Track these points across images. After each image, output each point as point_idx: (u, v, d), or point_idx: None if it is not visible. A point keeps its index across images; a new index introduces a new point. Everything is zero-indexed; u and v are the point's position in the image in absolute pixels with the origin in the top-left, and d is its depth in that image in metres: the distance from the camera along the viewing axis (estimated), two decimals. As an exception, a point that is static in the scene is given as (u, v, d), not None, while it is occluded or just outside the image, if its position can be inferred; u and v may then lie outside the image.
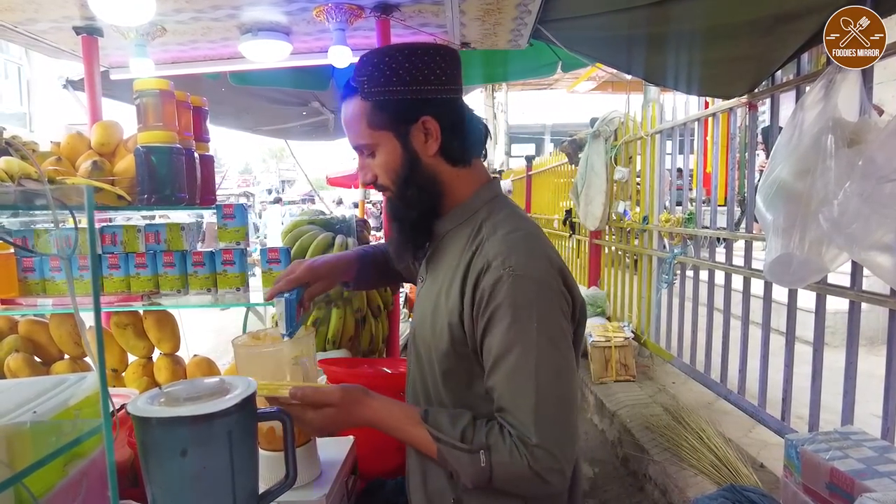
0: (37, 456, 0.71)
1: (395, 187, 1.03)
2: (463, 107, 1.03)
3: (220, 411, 0.79)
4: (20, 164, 1.40)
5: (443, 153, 1.01)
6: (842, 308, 2.24)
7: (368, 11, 2.24)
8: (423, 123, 0.98)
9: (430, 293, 1.05)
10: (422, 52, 0.98)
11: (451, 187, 1.03)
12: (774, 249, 1.91)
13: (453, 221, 1.05)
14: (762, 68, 2.31)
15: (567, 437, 0.89)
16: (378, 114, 0.98)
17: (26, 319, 1.84)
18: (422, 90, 0.97)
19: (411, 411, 0.97)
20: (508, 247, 0.93)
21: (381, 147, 1.00)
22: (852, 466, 1.35)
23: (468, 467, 0.89)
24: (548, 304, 0.91)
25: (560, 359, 0.90)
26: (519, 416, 0.89)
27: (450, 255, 1.03)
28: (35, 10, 2.14)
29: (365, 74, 0.98)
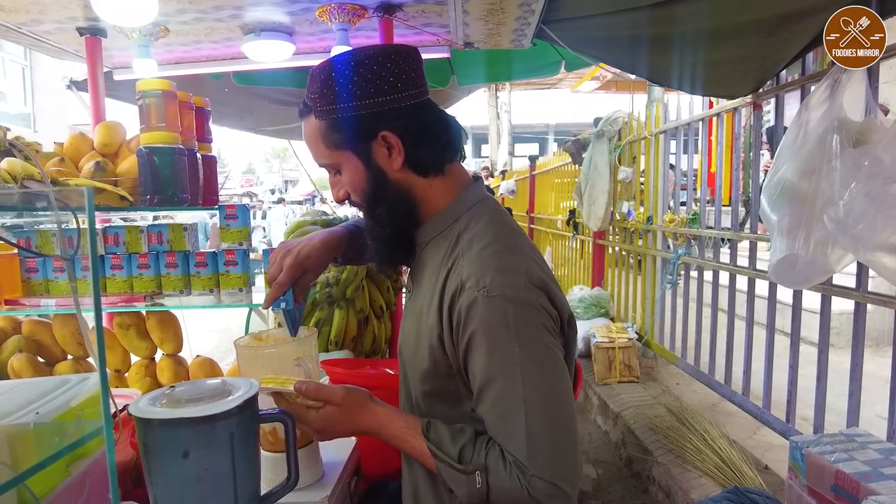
0: (39, 457, 0.71)
1: (366, 205, 0.97)
2: (427, 111, 0.95)
3: (222, 413, 0.79)
4: (23, 165, 1.40)
5: (410, 165, 0.94)
6: (846, 309, 2.23)
7: (371, 11, 2.24)
8: (383, 138, 0.91)
9: (414, 309, 1.00)
10: (370, 61, 0.90)
11: (425, 198, 0.97)
12: (779, 250, 1.90)
13: (433, 231, 0.99)
14: (767, 68, 2.30)
15: (566, 462, 0.84)
16: (333, 134, 0.92)
17: (30, 320, 1.85)
18: (376, 102, 0.90)
19: (414, 423, 0.93)
20: (482, 265, 0.87)
21: (345, 166, 0.95)
22: (858, 469, 1.34)
23: (463, 487, 0.85)
24: (526, 322, 0.85)
25: (548, 380, 0.85)
26: (511, 447, 0.84)
27: (430, 268, 0.97)
28: (39, 10, 2.15)
29: (315, 91, 0.92)
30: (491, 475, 0.84)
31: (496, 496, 0.84)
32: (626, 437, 2.99)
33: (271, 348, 1.08)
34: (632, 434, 2.93)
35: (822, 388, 2.15)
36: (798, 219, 1.83)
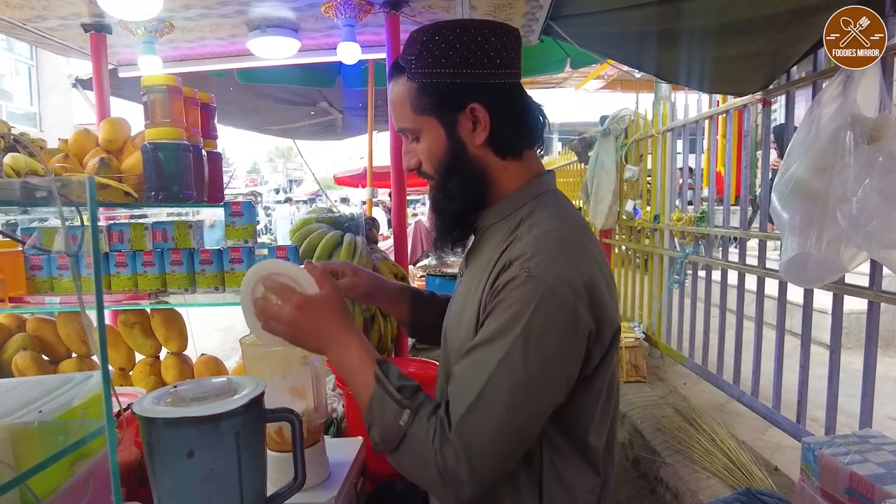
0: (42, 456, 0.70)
1: (438, 177, 0.95)
2: (518, 94, 0.94)
3: (228, 412, 0.78)
4: (27, 161, 1.39)
5: (491, 144, 0.92)
6: (856, 309, 2.21)
7: (378, 7, 2.22)
8: (472, 111, 0.90)
9: (463, 291, 0.98)
10: (476, 31, 0.89)
11: (498, 180, 0.94)
12: (791, 249, 1.88)
13: (496, 216, 0.96)
14: (778, 64, 2.28)
15: (488, 452, 0.79)
16: (423, 97, 0.91)
17: (34, 317, 1.84)
18: (472, 74, 0.88)
19: (371, 348, 0.91)
20: (535, 248, 0.84)
21: (426, 133, 0.93)
22: (872, 471, 1.31)
23: (389, 418, 0.82)
24: (548, 314, 0.80)
25: (529, 377, 0.80)
26: (453, 405, 0.82)
27: (486, 252, 0.95)
28: (44, 7, 2.14)
29: (413, 53, 0.90)
30: (415, 423, 0.82)
31: (407, 444, 0.82)
32: (634, 437, 2.97)
33: (277, 347, 1.06)
34: (639, 434, 2.91)
35: (833, 389, 2.13)
36: (810, 217, 1.80)
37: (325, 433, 1.38)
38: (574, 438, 0.89)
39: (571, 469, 0.90)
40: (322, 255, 1.94)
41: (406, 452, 0.82)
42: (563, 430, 0.89)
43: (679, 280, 3.37)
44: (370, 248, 2.11)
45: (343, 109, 5.38)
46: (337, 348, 0.90)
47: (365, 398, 0.86)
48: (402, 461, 0.84)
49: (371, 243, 2.18)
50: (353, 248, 1.97)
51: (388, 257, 2.27)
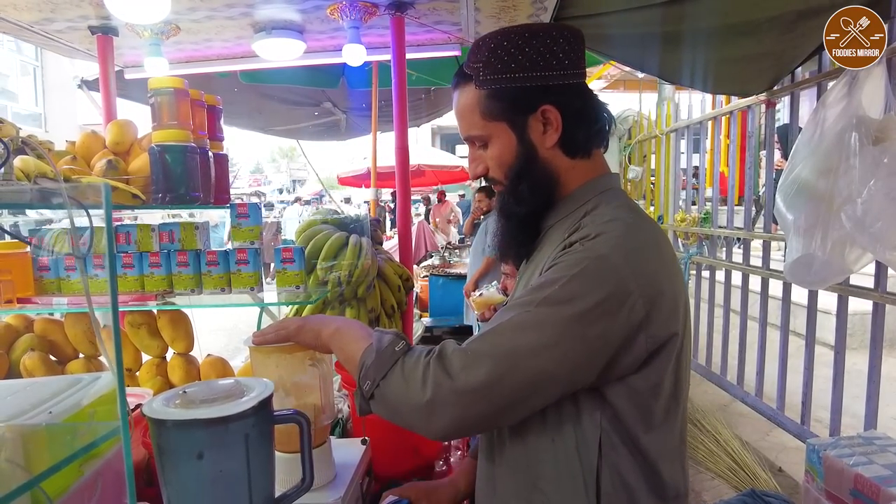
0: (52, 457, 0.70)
1: (508, 181, 0.93)
2: (588, 93, 0.93)
3: (237, 414, 0.78)
4: (36, 163, 1.40)
5: (562, 144, 0.91)
6: (860, 310, 2.20)
7: (383, 9, 2.23)
8: (543, 113, 0.89)
9: (521, 288, 0.96)
10: (543, 35, 0.89)
11: (565, 180, 0.93)
12: (795, 250, 1.88)
13: (559, 214, 0.95)
14: (782, 65, 2.28)
15: (488, 378, 0.76)
16: (494, 103, 0.90)
17: (42, 318, 1.85)
18: (542, 76, 0.88)
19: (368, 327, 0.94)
20: (598, 231, 0.82)
21: (495, 139, 0.92)
22: (878, 473, 1.31)
23: (385, 345, 0.83)
24: (591, 278, 0.77)
25: (553, 326, 0.77)
26: (471, 338, 0.81)
27: (548, 248, 0.92)
28: (51, 9, 2.15)
29: (480, 60, 0.90)
30: (408, 353, 0.82)
31: (397, 369, 0.81)
32: (637, 438, 2.97)
33: (284, 349, 1.07)
34: (643, 435, 2.91)
35: (838, 390, 2.12)
36: (815, 218, 1.81)
37: (331, 434, 1.39)
38: (630, 437, 0.84)
39: (630, 471, 0.85)
40: (328, 255, 1.94)
41: (395, 377, 0.81)
42: (630, 438, 0.84)
43: (683, 280, 3.36)
44: (375, 248, 2.12)
45: (347, 110, 5.39)
46: (333, 326, 0.94)
47: (363, 346, 0.86)
48: (389, 387, 0.81)
49: (375, 244, 2.19)
50: (358, 248, 1.97)
51: (393, 258, 2.27)
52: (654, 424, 0.84)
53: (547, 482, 0.87)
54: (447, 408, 0.77)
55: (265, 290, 1.72)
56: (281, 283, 1.69)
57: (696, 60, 2.51)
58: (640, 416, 0.83)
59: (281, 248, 1.70)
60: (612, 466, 0.84)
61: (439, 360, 0.78)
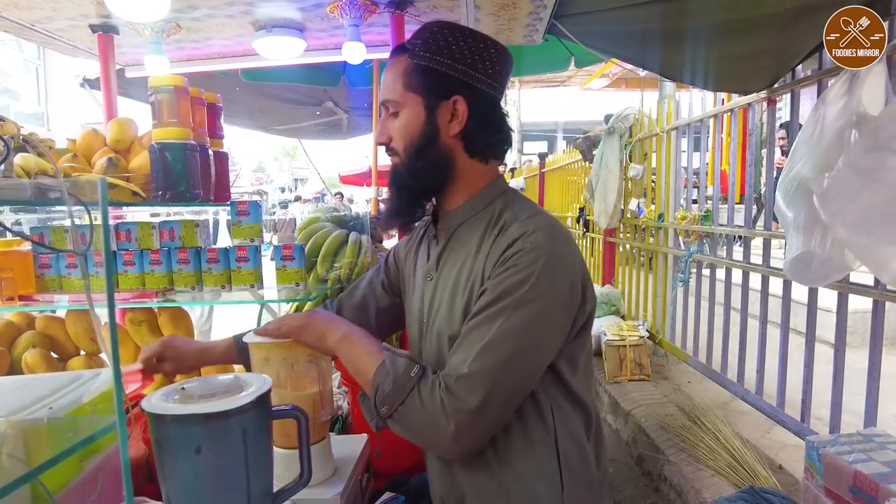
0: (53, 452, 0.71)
1: (406, 154, 1.02)
2: (498, 108, 1.04)
3: (235, 409, 0.79)
4: (36, 161, 1.41)
5: (462, 138, 1.01)
6: (861, 307, 2.20)
7: (382, 7, 2.23)
8: (454, 103, 0.99)
9: (446, 287, 1.03)
10: (480, 39, 0.99)
11: (462, 176, 1.03)
12: (795, 247, 1.87)
13: (467, 213, 1.05)
14: (783, 63, 2.27)
15: (494, 390, 0.87)
16: (417, 77, 0.99)
17: (43, 315, 1.86)
18: (465, 71, 0.98)
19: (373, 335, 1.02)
20: (533, 227, 0.93)
21: (407, 110, 1.00)
22: (877, 470, 1.31)
23: (400, 370, 0.90)
24: (551, 276, 0.90)
25: (535, 326, 0.89)
26: (460, 354, 0.89)
27: (467, 245, 1.02)
28: (52, 8, 2.16)
29: (420, 38, 1.00)
30: (423, 378, 0.90)
31: (412, 400, 0.89)
32: (637, 435, 2.97)
33: (284, 345, 1.08)
34: (643, 432, 2.91)
35: (838, 388, 2.12)
36: (814, 215, 1.80)
37: (331, 430, 1.40)
38: (571, 392, 0.99)
39: (576, 422, 0.99)
40: (328, 252, 1.95)
41: (413, 403, 0.89)
42: (564, 386, 0.98)
43: (684, 279, 3.37)
44: (375, 246, 2.12)
45: (348, 109, 5.39)
46: (340, 331, 1.01)
47: (375, 364, 0.94)
48: (408, 412, 0.90)
49: (376, 242, 2.19)
50: (357, 246, 1.98)
51: (393, 256, 2.27)
52: (578, 369, 1.00)
53: (519, 460, 0.96)
54: (471, 429, 0.88)
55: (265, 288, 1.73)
56: (281, 280, 1.69)
57: (696, 58, 2.51)
58: (569, 366, 0.98)
59: (281, 246, 1.70)
60: (563, 422, 0.97)
61: (450, 393, 0.87)
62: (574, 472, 0.97)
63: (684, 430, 2.70)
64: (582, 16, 2.43)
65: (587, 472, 0.99)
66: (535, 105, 18.13)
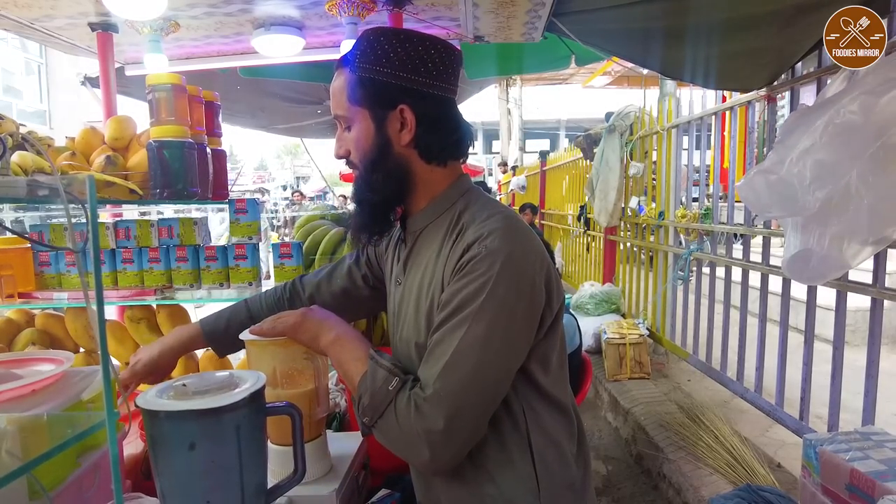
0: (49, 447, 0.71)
1: (363, 168, 1.00)
2: (449, 108, 1.01)
3: (229, 405, 0.79)
4: (34, 159, 1.41)
5: (416, 147, 0.99)
6: (862, 306, 2.20)
7: (381, 5, 2.23)
8: (401, 111, 0.96)
9: (412, 292, 1.02)
10: (418, 41, 0.96)
11: (423, 182, 1.02)
12: (794, 245, 1.87)
13: (430, 217, 1.03)
14: (782, 60, 2.27)
15: (463, 406, 0.86)
16: (359, 90, 0.97)
17: (43, 313, 1.86)
18: (407, 78, 0.95)
19: (366, 340, 1.01)
20: (488, 229, 0.91)
21: (356, 124, 0.99)
22: (873, 468, 1.31)
23: (379, 383, 0.89)
24: (509, 280, 0.87)
25: (497, 333, 0.87)
26: (428, 369, 0.88)
27: (429, 250, 1.01)
28: (51, 6, 2.16)
29: (359, 49, 0.97)
30: (401, 391, 0.89)
31: (391, 410, 0.88)
32: (637, 433, 2.98)
33: (280, 343, 1.08)
34: (642, 430, 2.92)
35: (836, 386, 2.12)
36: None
37: (328, 427, 1.40)
38: (545, 393, 0.97)
39: (551, 422, 0.98)
40: (326, 250, 1.95)
41: (390, 418, 0.88)
42: (536, 387, 0.97)
43: (684, 277, 3.36)
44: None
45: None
46: (332, 333, 1.00)
47: (360, 372, 0.93)
48: (387, 427, 0.89)
49: (375, 240, 2.19)
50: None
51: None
52: (550, 369, 0.98)
53: (493, 465, 0.95)
54: (445, 449, 0.87)
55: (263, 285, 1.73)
56: (279, 277, 1.70)
57: (697, 56, 2.50)
58: (541, 366, 0.96)
59: (279, 244, 1.71)
60: (536, 423, 0.96)
61: (420, 414, 0.86)
62: (552, 473, 0.96)
63: (684, 428, 2.70)
64: (581, 14, 2.43)
65: (567, 471, 0.98)
66: (537, 103, 18.12)
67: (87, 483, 0.95)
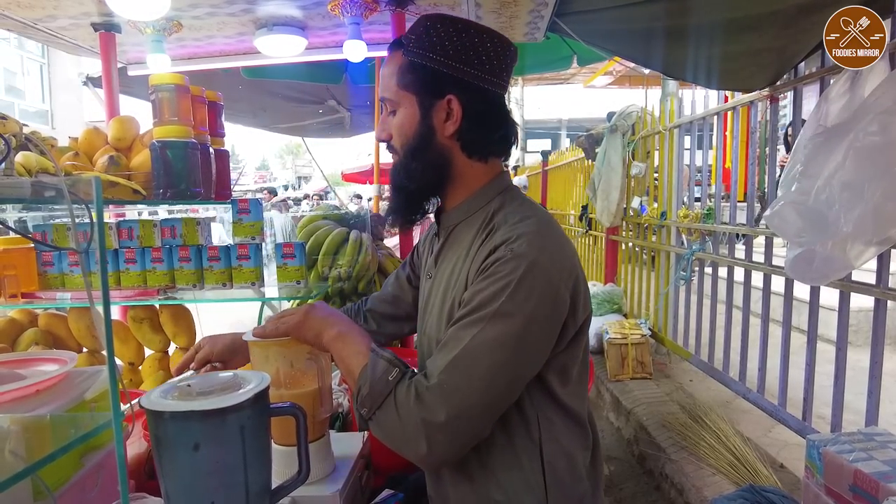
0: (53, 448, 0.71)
1: (402, 154, 0.99)
2: (498, 104, 0.99)
3: (233, 406, 0.79)
4: (38, 159, 1.42)
5: (459, 139, 0.97)
6: (865, 306, 2.20)
7: (383, 5, 2.23)
8: (448, 102, 0.95)
9: (440, 287, 1.02)
10: (476, 33, 0.94)
11: (461, 176, 1.00)
12: (797, 245, 1.87)
13: (465, 213, 1.02)
14: (785, 60, 2.26)
15: (467, 404, 0.84)
16: (410, 75, 0.96)
17: (46, 313, 1.87)
18: (459, 69, 0.94)
19: (367, 334, 0.99)
20: (517, 232, 0.89)
21: (402, 109, 0.98)
22: (877, 468, 1.31)
23: (379, 374, 0.88)
24: (532, 286, 0.85)
25: (514, 338, 0.85)
26: (436, 359, 0.87)
27: (460, 247, 1.00)
28: (54, 6, 2.17)
29: (415, 33, 0.96)
30: (401, 382, 0.87)
31: (390, 401, 0.86)
32: (639, 433, 2.97)
33: (283, 343, 1.08)
34: (644, 431, 2.91)
35: (840, 386, 2.12)
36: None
37: (331, 427, 1.40)
38: (561, 404, 0.95)
39: (565, 433, 0.96)
40: (329, 251, 1.95)
41: (389, 409, 0.87)
42: (553, 398, 0.95)
43: (686, 277, 3.36)
44: (376, 244, 2.13)
45: (351, 107, 5.39)
46: (335, 329, 0.98)
47: (361, 364, 0.92)
48: (385, 418, 0.87)
49: (377, 240, 2.20)
50: (358, 244, 1.98)
51: (394, 254, 2.28)
52: (569, 380, 0.96)
53: (502, 471, 0.94)
54: (442, 445, 0.85)
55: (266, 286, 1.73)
56: (282, 278, 1.70)
57: (699, 55, 2.50)
58: (559, 378, 0.94)
59: (282, 244, 1.71)
60: (549, 433, 0.94)
61: (420, 402, 0.84)
62: (562, 485, 0.94)
63: (686, 428, 2.70)
64: (583, 14, 2.43)
65: (578, 484, 0.96)
66: (538, 102, 18.11)
67: (91, 483, 0.95)
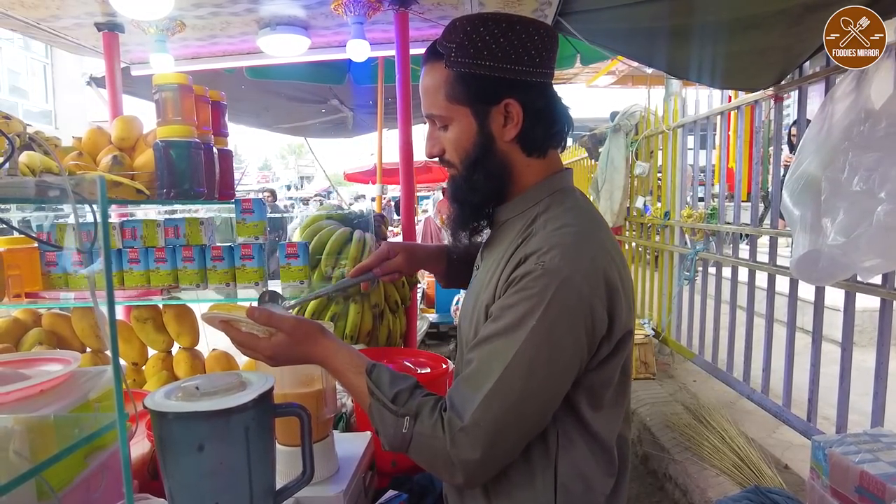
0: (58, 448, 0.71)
1: (462, 167, 0.95)
2: (553, 94, 0.94)
3: (237, 406, 0.79)
4: (42, 159, 1.42)
5: (519, 140, 0.92)
6: (869, 307, 2.18)
7: (387, 4, 2.22)
8: (506, 106, 0.90)
9: (476, 285, 0.99)
10: (520, 28, 0.88)
11: (519, 174, 0.95)
12: (802, 246, 1.86)
13: (513, 211, 0.97)
14: (790, 59, 2.25)
15: (502, 439, 0.82)
16: (459, 87, 0.90)
17: (49, 313, 1.87)
18: (512, 70, 0.88)
19: (359, 360, 0.92)
20: (550, 243, 0.85)
21: (456, 122, 0.92)
22: (883, 470, 1.30)
23: (391, 428, 0.85)
24: (562, 306, 0.81)
25: (545, 363, 0.82)
26: (467, 392, 0.83)
27: (501, 246, 0.95)
28: (57, 6, 2.17)
29: (454, 41, 0.89)
30: (417, 424, 0.84)
31: (416, 444, 0.84)
32: (643, 434, 2.97)
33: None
34: (648, 431, 2.91)
35: (845, 387, 2.11)
36: (821, 213, 1.79)
37: (335, 428, 1.40)
38: (586, 426, 0.90)
39: (585, 456, 0.91)
40: (332, 251, 1.95)
41: (416, 450, 0.85)
42: (578, 419, 0.90)
43: (689, 277, 3.35)
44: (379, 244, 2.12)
45: (353, 107, 5.39)
46: (328, 364, 0.94)
47: (364, 406, 0.90)
48: (415, 457, 0.86)
49: (380, 239, 2.19)
50: (362, 244, 1.98)
51: (398, 254, 2.27)
52: (601, 405, 0.90)
53: (517, 491, 0.90)
54: (481, 474, 0.84)
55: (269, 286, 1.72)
56: (285, 277, 1.70)
57: (703, 55, 2.49)
58: (587, 399, 0.89)
59: (285, 244, 1.70)
60: (567, 454, 0.89)
61: (454, 445, 0.81)
62: None
63: (689, 428, 2.69)
64: (587, 13, 2.42)
65: None
66: (540, 102, 18.06)
67: (95, 483, 0.95)
